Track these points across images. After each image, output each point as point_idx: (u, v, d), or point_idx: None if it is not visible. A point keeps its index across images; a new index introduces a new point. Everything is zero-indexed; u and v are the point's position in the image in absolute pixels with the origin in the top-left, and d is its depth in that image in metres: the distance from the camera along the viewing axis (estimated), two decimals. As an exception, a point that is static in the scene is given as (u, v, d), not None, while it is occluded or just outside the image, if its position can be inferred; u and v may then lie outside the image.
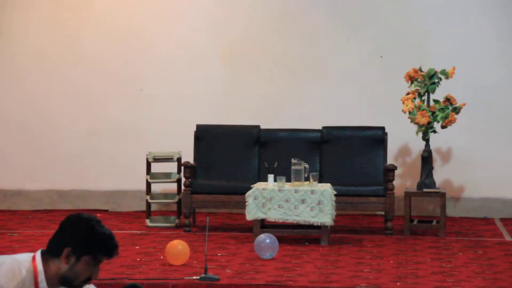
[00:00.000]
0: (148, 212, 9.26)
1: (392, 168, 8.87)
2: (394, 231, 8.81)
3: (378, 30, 10.08)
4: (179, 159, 9.31)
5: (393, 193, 8.79)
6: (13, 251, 7.58)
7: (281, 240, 7.68)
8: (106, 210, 10.19)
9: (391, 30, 10.07)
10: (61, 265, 3.60)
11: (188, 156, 9.38)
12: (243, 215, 8.35)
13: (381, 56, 10.08)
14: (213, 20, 10.21)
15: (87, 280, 3.65)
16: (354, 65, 10.10)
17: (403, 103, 9.04)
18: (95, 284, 3.82)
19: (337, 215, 8.36)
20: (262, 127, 9.46)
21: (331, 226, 8.29)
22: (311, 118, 9.86)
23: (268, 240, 7.51)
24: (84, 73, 10.26)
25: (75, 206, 10.23)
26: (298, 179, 8.27)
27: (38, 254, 3.62)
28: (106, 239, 3.62)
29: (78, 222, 3.62)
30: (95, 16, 10.24)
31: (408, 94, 9.08)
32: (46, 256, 3.61)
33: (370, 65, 10.09)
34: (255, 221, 8.25)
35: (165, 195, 9.47)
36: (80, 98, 10.26)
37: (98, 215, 9.92)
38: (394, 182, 8.87)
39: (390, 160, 9.56)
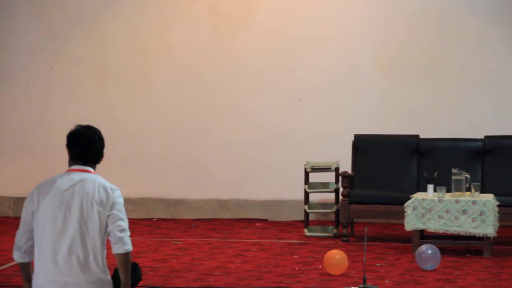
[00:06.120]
0: (306, 222, 9.29)
1: (559, 178, 8.54)
2: (561, 243, 8.47)
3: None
4: (337, 169, 9.30)
5: (560, 204, 8.45)
6: (177, 258, 7.78)
7: (441, 251, 7.53)
8: (265, 220, 10.30)
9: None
10: None
11: (346, 166, 9.35)
12: (402, 225, 8.24)
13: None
14: (372, 30, 10.14)
15: None
16: (517, 72, 9.79)
17: None
18: None
19: (500, 226, 8.12)
20: (421, 136, 9.32)
21: (494, 238, 8.06)
22: (472, 127, 9.62)
23: (430, 251, 7.39)
24: (242, 84, 10.41)
25: (235, 215, 10.39)
26: (459, 189, 8.11)
27: None
28: None
29: None
30: (256, 28, 10.36)
31: None
32: None
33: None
34: (414, 231, 8.13)
35: (323, 205, 9.48)
36: (238, 109, 10.42)
37: (258, 224, 10.05)
38: (561, 193, 8.53)
39: (556, 170, 9.18)
